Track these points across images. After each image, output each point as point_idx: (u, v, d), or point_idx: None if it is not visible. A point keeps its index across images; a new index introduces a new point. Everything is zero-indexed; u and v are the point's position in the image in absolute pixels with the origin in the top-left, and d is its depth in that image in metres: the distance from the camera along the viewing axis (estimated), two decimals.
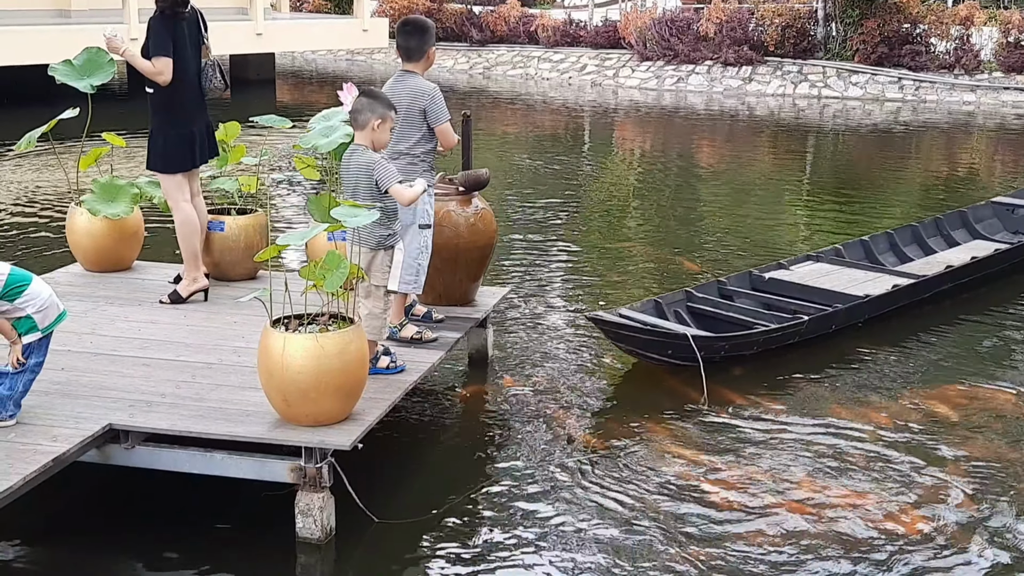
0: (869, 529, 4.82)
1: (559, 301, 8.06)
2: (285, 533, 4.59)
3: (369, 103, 5.17)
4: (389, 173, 5.10)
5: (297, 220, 10.37)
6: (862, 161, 15.34)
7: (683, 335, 6.47)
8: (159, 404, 4.83)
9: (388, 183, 5.08)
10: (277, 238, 4.59)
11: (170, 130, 6.12)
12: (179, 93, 6.09)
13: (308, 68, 26.92)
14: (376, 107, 5.16)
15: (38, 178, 12.44)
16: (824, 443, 5.68)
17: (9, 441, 4.42)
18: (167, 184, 6.25)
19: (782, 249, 9.60)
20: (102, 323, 5.92)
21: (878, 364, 6.90)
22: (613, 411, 6.25)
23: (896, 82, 20.56)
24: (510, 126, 18.08)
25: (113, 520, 4.85)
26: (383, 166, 5.12)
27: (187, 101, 6.15)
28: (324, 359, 4.51)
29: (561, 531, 4.78)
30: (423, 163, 5.82)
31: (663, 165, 14.75)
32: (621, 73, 22.94)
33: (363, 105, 5.17)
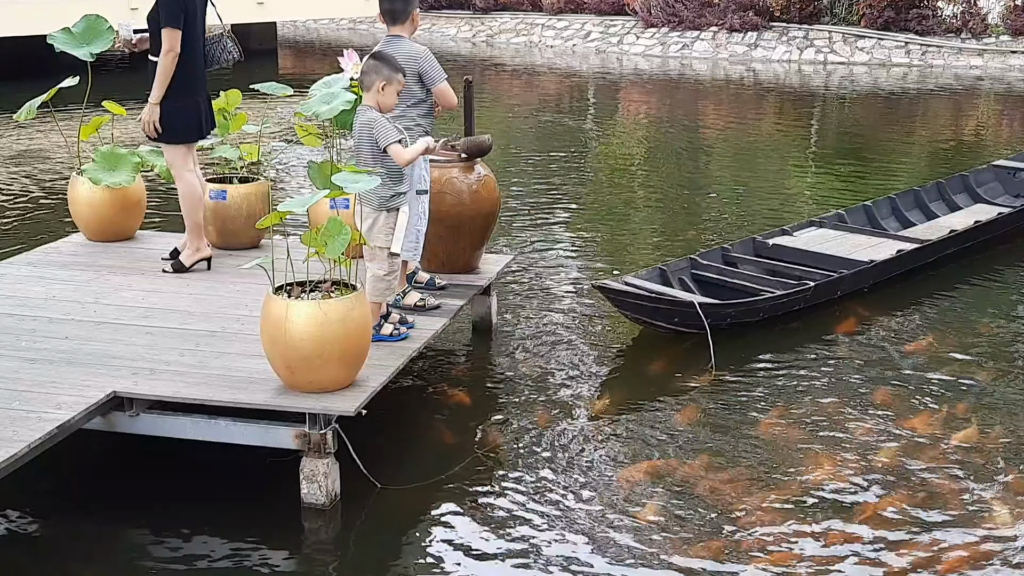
0: (883, 498, 4.82)
1: (563, 268, 8.05)
2: (290, 499, 4.61)
3: (375, 65, 5.18)
4: (387, 131, 5.10)
5: (299, 188, 10.35)
6: (868, 126, 15.26)
7: (690, 303, 6.46)
8: (163, 372, 4.84)
9: (385, 141, 5.08)
10: (278, 205, 4.57)
11: (178, 100, 6.08)
12: (188, 64, 6.04)
13: (310, 37, 26.80)
14: (382, 70, 5.16)
15: (39, 148, 12.42)
16: (833, 410, 5.68)
17: (14, 409, 4.43)
18: (172, 154, 6.21)
19: (787, 215, 9.57)
20: (105, 292, 5.92)
21: (884, 330, 6.89)
22: (619, 379, 6.26)
23: (903, 47, 20.42)
24: (514, 94, 18.00)
25: (118, 488, 4.87)
26: (382, 124, 5.12)
27: (196, 72, 6.12)
28: (327, 326, 4.51)
29: (565, 498, 4.79)
30: (419, 128, 5.78)
31: (668, 132, 14.69)
32: (626, 40, 22.80)
33: (369, 67, 5.20)
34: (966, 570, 4.27)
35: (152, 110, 5.99)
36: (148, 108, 5.99)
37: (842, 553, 4.38)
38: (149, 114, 5.99)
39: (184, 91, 6.05)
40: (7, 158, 11.90)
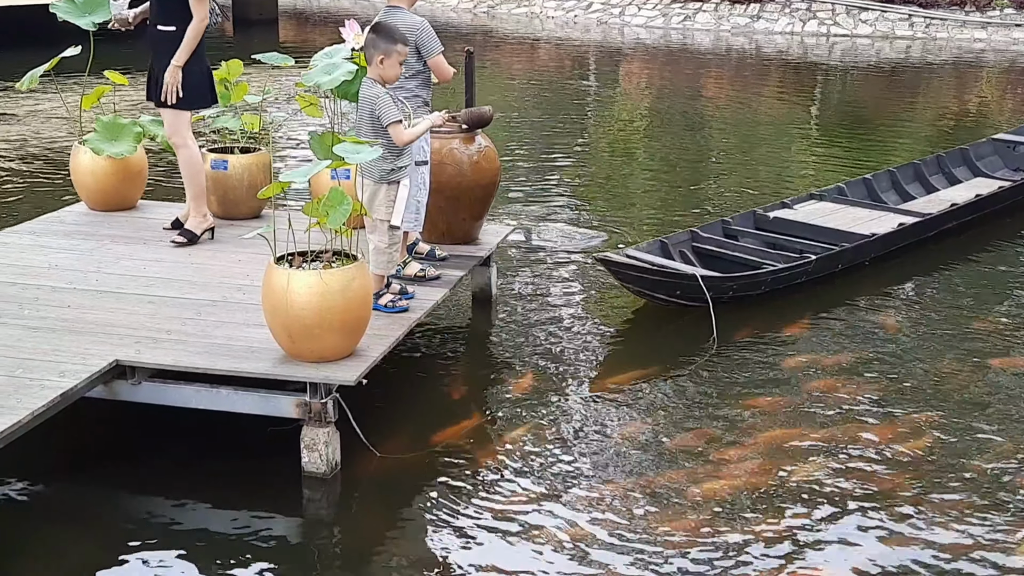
0: (886, 470, 4.86)
1: (563, 240, 8.06)
2: (291, 468, 4.65)
3: (373, 39, 5.18)
4: (389, 109, 5.11)
5: (300, 158, 10.34)
6: (871, 99, 15.23)
7: (692, 275, 6.47)
8: (165, 341, 4.87)
9: (387, 119, 5.09)
10: (279, 175, 4.59)
11: (193, 66, 6.10)
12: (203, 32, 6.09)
13: (311, 7, 26.67)
14: (379, 43, 5.16)
15: (41, 117, 12.40)
16: (836, 383, 5.70)
17: (17, 377, 4.47)
18: (178, 121, 6.21)
19: (787, 188, 9.57)
20: (107, 261, 5.94)
21: (886, 303, 6.91)
22: (620, 351, 6.29)
23: (906, 19, 20.32)
24: (515, 65, 17.94)
25: (119, 457, 4.90)
26: (384, 101, 5.12)
27: (203, 40, 6.14)
28: (328, 295, 4.53)
29: (564, 468, 4.83)
30: (417, 98, 5.78)
31: (669, 104, 14.65)
32: (627, 11, 22.69)
33: (368, 41, 5.20)
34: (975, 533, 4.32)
35: (176, 73, 6.03)
36: (173, 71, 6.02)
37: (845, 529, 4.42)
38: (174, 77, 6.03)
39: (198, 57, 6.09)
40: (9, 127, 11.89)
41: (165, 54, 6.08)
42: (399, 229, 5.34)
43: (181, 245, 6.18)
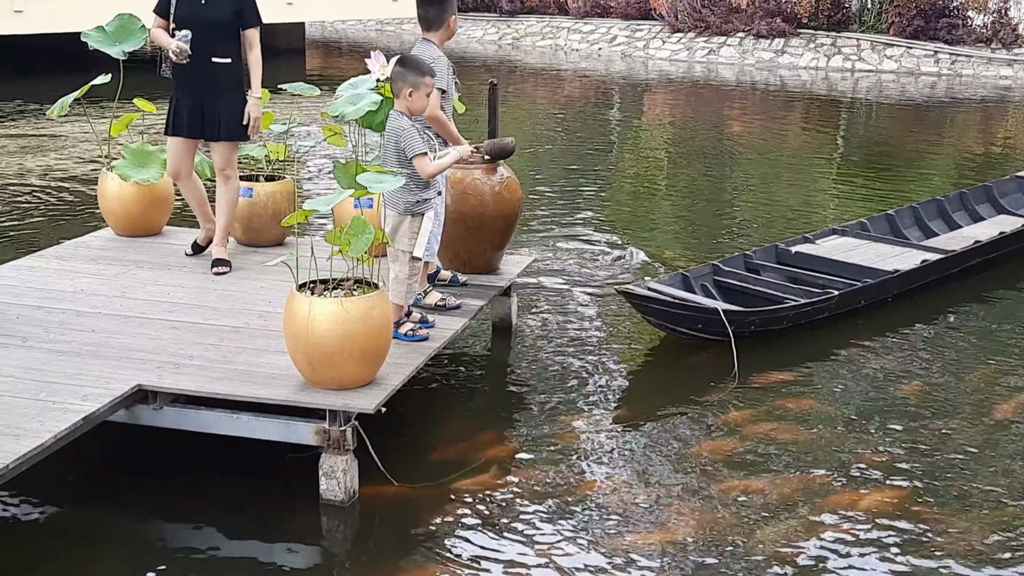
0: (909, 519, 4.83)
1: (584, 271, 8.08)
2: (309, 495, 4.66)
3: (401, 72, 5.24)
4: (414, 142, 5.16)
5: (325, 187, 10.42)
6: (895, 136, 15.22)
7: (714, 309, 6.47)
8: (187, 366, 4.91)
9: (411, 152, 5.14)
10: (304, 204, 4.63)
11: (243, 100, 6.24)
12: None
13: (337, 37, 26.93)
14: (407, 75, 5.21)
15: (71, 143, 12.56)
16: (858, 422, 5.67)
17: (41, 400, 4.51)
18: (234, 153, 6.33)
19: (809, 223, 9.57)
20: (132, 286, 6.00)
21: (909, 340, 6.87)
22: (640, 384, 6.28)
23: (932, 56, 20.34)
24: (538, 97, 18.04)
25: (139, 481, 4.92)
26: (410, 134, 5.17)
27: None
28: (349, 323, 4.56)
29: (582, 502, 4.82)
30: (430, 129, 5.83)
31: (692, 137, 14.69)
32: (651, 45, 22.81)
33: (396, 74, 5.26)
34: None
35: (259, 105, 6.20)
36: (256, 103, 6.16)
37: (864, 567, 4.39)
38: (258, 109, 6.19)
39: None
40: (39, 153, 12.04)
41: (224, 87, 6.15)
42: (420, 260, 5.38)
43: (225, 274, 6.21)
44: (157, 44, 6.20)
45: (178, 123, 6.22)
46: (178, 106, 6.20)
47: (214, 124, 6.19)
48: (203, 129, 6.22)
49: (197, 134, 6.25)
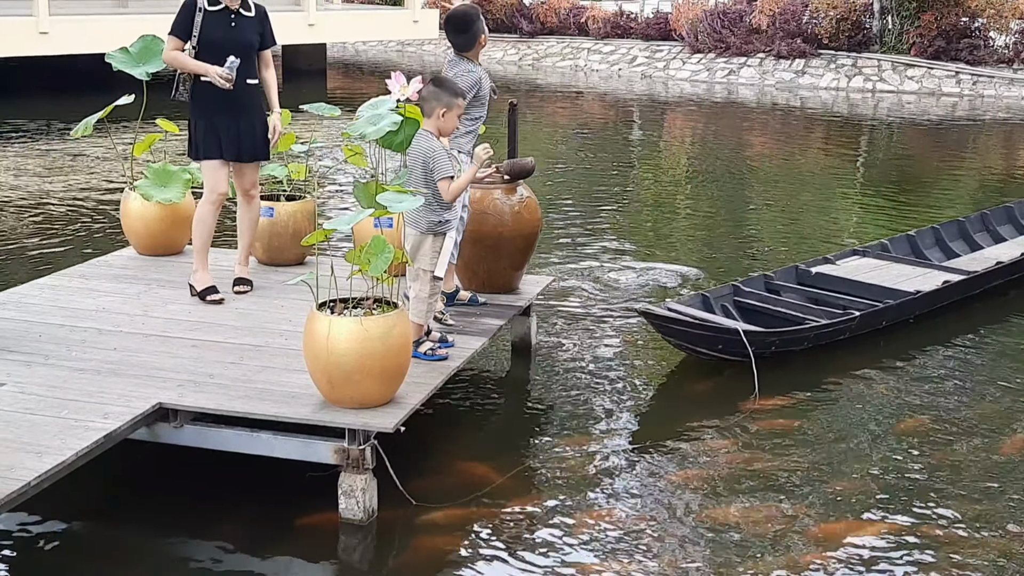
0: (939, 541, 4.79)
1: (604, 291, 8.07)
2: (328, 514, 4.67)
3: (435, 92, 5.27)
4: (443, 165, 5.18)
5: (345, 206, 10.47)
6: (916, 156, 15.17)
7: (734, 330, 6.45)
8: (207, 384, 4.93)
9: (439, 174, 5.17)
10: (324, 223, 4.66)
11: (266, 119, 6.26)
12: None
13: (359, 59, 27.09)
14: (442, 96, 5.25)
15: (94, 163, 12.66)
16: (880, 443, 5.64)
17: (63, 417, 4.54)
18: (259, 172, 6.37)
19: (830, 243, 9.54)
20: (153, 305, 6.04)
21: (931, 361, 6.84)
22: (660, 405, 6.26)
23: (953, 76, 20.28)
24: (558, 117, 18.08)
25: (158, 499, 4.95)
26: (440, 156, 5.20)
27: None
28: (368, 342, 4.57)
29: (599, 523, 4.81)
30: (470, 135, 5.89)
31: (712, 157, 14.68)
32: (672, 65, 22.84)
33: (430, 93, 5.28)
34: None
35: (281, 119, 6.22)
36: (279, 117, 6.19)
37: None
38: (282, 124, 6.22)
39: None
40: (63, 173, 12.14)
41: (253, 108, 6.14)
42: (441, 280, 5.39)
43: (246, 292, 6.25)
44: (179, 67, 6.02)
45: (211, 145, 6.06)
46: (208, 128, 6.04)
47: (247, 145, 6.14)
48: (238, 150, 6.12)
49: (231, 155, 6.14)
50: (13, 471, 4.09)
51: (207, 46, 5.97)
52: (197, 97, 6.04)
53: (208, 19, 5.97)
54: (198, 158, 6.14)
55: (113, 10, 18.42)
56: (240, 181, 6.28)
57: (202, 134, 6.07)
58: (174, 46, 5.99)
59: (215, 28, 5.98)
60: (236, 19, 6.04)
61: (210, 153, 6.08)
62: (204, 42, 5.97)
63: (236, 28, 6.04)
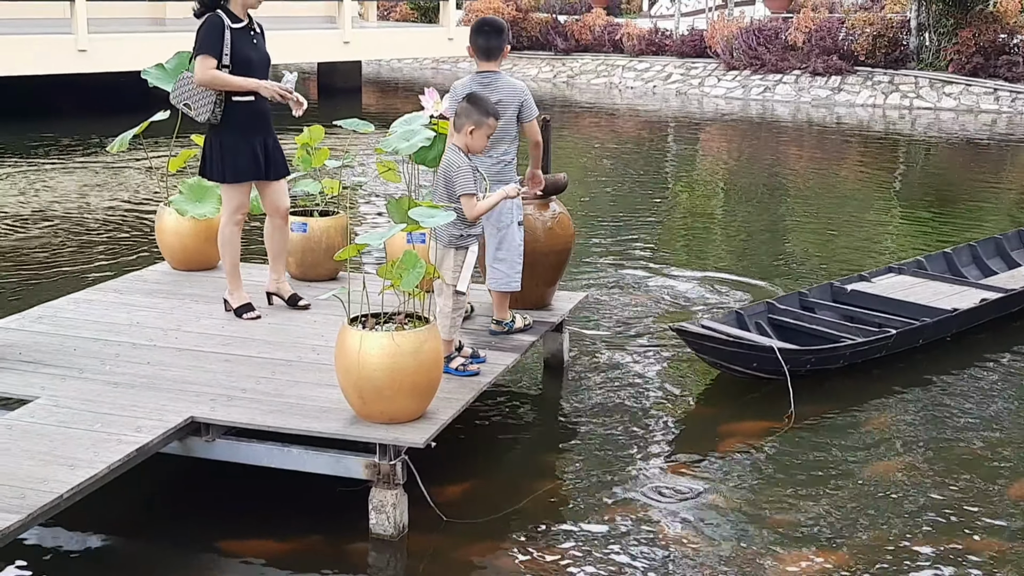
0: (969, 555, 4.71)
1: (637, 307, 8.03)
2: (358, 529, 4.66)
3: (467, 109, 5.26)
4: (465, 181, 5.17)
5: (378, 222, 10.50)
6: (953, 173, 15.02)
7: (769, 348, 6.39)
8: (239, 399, 4.94)
9: (460, 190, 5.16)
10: (356, 238, 4.66)
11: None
12: None
13: (394, 76, 27.24)
14: (472, 113, 5.23)
15: (130, 179, 12.78)
16: (919, 465, 5.55)
17: (96, 431, 4.56)
18: None
19: (865, 260, 9.45)
20: (187, 320, 6.06)
21: (970, 381, 6.73)
22: (694, 423, 6.20)
23: (992, 93, 20.10)
24: (593, 134, 18.07)
25: (189, 513, 4.96)
26: (463, 172, 5.19)
27: None
28: (399, 357, 4.57)
29: (630, 541, 4.76)
30: (508, 161, 5.86)
31: (748, 174, 14.61)
32: (707, 82, 22.80)
33: (462, 109, 5.28)
34: None
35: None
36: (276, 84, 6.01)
37: None
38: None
39: None
40: (99, 188, 12.27)
41: (272, 125, 6.09)
42: (464, 295, 5.35)
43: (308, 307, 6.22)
44: (222, 86, 5.81)
45: (243, 165, 5.95)
46: (239, 148, 5.92)
47: (279, 162, 6.11)
48: (272, 168, 6.06)
49: (266, 174, 6.06)
50: (46, 483, 4.11)
51: (241, 64, 5.87)
52: (229, 117, 5.89)
53: (236, 37, 5.86)
54: (224, 180, 5.98)
55: (151, 28, 18.64)
56: (272, 200, 6.17)
57: (231, 155, 5.93)
58: (211, 65, 5.79)
59: (244, 46, 5.90)
60: (255, 36, 6.01)
61: (241, 174, 5.98)
62: (238, 60, 5.85)
63: (257, 45, 6.00)
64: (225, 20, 5.84)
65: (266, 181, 6.12)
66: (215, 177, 6.03)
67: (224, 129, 5.93)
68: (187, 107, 5.90)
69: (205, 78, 5.80)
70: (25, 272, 8.76)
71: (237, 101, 5.89)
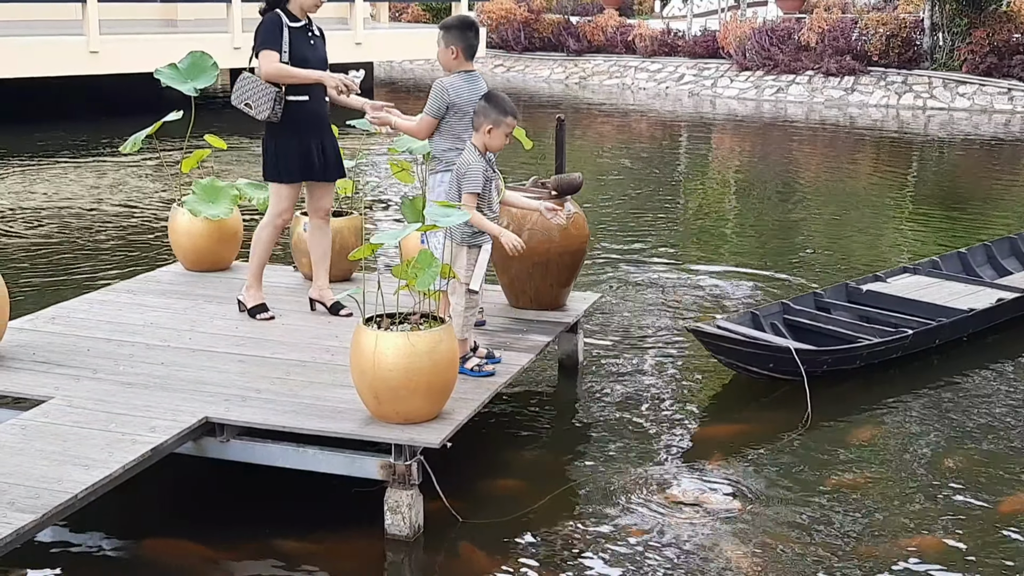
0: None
1: (651, 308, 8.00)
2: (374, 530, 4.63)
3: (484, 107, 5.23)
4: (472, 180, 5.14)
5: (392, 221, 10.48)
6: (967, 174, 14.94)
7: (786, 348, 6.35)
8: (254, 399, 4.92)
9: (466, 188, 5.15)
10: (371, 238, 4.64)
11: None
12: None
13: (406, 77, 27.24)
14: (490, 112, 5.20)
15: (142, 179, 12.79)
16: (939, 465, 5.51)
17: (110, 431, 4.55)
18: None
19: (880, 260, 9.40)
20: (201, 320, 6.05)
21: (987, 381, 6.68)
22: (710, 424, 6.17)
23: (1006, 93, 19.99)
24: (606, 134, 18.04)
25: (202, 514, 4.93)
26: (473, 171, 5.16)
27: None
28: (415, 357, 4.54)
29: (649, 543, 4.72)
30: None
31: (761, 175, 14.56)
32: (719, 83, 22.74)
33: (480, 108, 5.25)
34: None
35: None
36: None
37: None
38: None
39: None
40: (111, 189, 12.28)
41: (330, 126, 6.05)
42: (477, 294, 5.32)
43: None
44: (288, 79, 5.74)
45: (298, 166, 5.89)
46: (297, 149, 5.86)
47: (335, 164, 6.05)
48: (328, 169, 6.01)
49: (322, 176, 6.01)
50: (61, 483, 4.10)
51: (298, 63, 5.79)
52: (288, 117, 5.82)
53: (293, 36, 5.81)
54: (279, 180, 5.92)
55: (162, 29, 18.67)
56: (320, 202, 6.09)
57: (285, 155, 5.86)
58: (275, 59, 5.72)
59: (302, 45, 5.84)
60: (313, 37, 5.93)
61: (294, 175, 5.92)
62: (295, 59, 5.78)
63: (315, 46, 5.92)
64: (284, 19, 5.81)
65: (319, 182, 6.04)
66: (269, 176, 5.96)
67: (282, 130, 5.85)
68: (247, 106, 5.82)
69: (271, 70, 5.73)
70: (37, 272, 8.76)
71: (292, 101, 5.81)
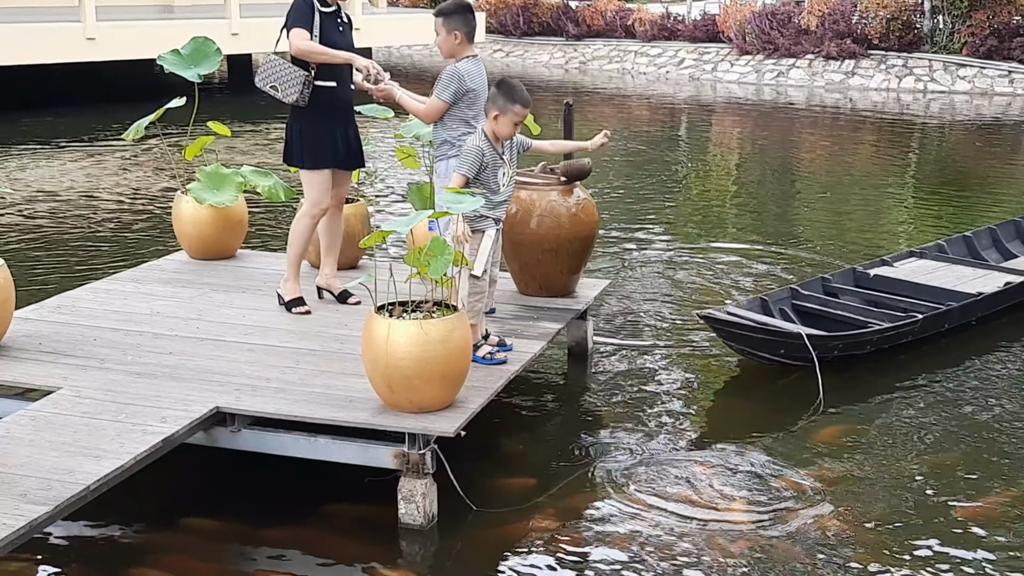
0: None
1: (659, 295, 7.96)
2: (387, 519, 4.60)
3: (494, 94, 5.20)
4: (467, 161, 5.14)
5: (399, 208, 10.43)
6: (968, 156, 14.90)
7: (797, 334, 6.31)
8: (264, 388, 4.88)
9: (459, 168, 5.14)
10: (381, 225, 4.59)
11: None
12: None
13: (404, 63, 27.12)
14: (498, 99, 5.16)
15: (146, 166, 12.72)
16: (951, 450, 5.49)
17: (120, 422, 4.51)
18: None
19: (884, 244, 9.36)
20: (208, 309, 6.00)
21: (997, 364, 6.66)
22: (722, 411, 6.14)
23: (1006, 76, 19.92)
24: (607, 119, 17.96)
25: (216, 504, 4.90)
26: (467, 155, 5.17)
27: None
28: (428, 346, 4.50)
29: (661, 528, 4.70)
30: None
31: (762, 159, 14.51)
32: (719, 67, 22.64)
33: (490, 95, 5.23)
34: None
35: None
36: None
37: None
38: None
39: None
40: (115, 176, 12.21)
41: (354, 114, 6.00)
42: (481, 280, 5.26)
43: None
44: (319, 57, 5.64)
45: (325, 152, 5.82)
46: (323, 135, 5.80)
47: (357, 151, 5.99)
48: (352, 157, 5.96)
49: (345, 163, 5.95)
50: (72, 475, 4.06)
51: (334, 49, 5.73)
52: (315, 102, 5.74)
53: (324, 20, 5.73)
54: (304, 165, 5.84)
55: (159, 15, 18.57)
56: (337, 190, 6.02)
57: (311, 140, 5.80)
58: (306, 36, 5.62)
59: (331, 31, 5.76)
60: (342, 24, 5.85)
61: (323, 161, 5.83)
62: (325, 44, 5.69)
63: (343, 33, 5.84)
64: (315, 2, 5.73)
65: (341, 170, 5.98)
66: (294, 162, 5.88)
67: (308, 115, 5.78)
68: (274, 89, 5.72)
69: (304, 47, 5.63)
70: (40, 260, 8.71)
71: (319, 86, 5.73)
